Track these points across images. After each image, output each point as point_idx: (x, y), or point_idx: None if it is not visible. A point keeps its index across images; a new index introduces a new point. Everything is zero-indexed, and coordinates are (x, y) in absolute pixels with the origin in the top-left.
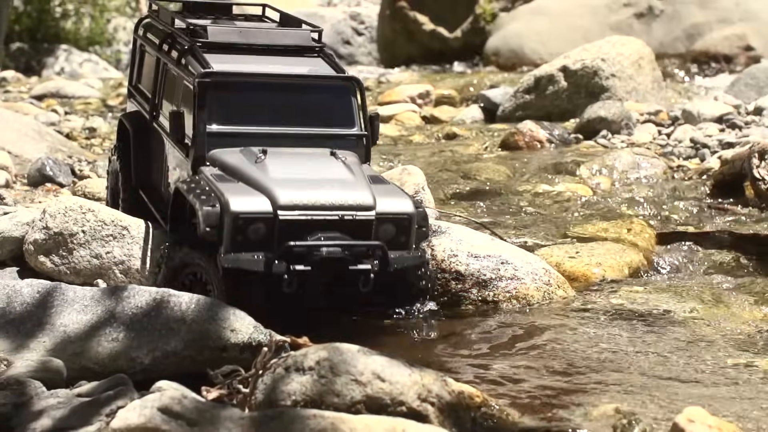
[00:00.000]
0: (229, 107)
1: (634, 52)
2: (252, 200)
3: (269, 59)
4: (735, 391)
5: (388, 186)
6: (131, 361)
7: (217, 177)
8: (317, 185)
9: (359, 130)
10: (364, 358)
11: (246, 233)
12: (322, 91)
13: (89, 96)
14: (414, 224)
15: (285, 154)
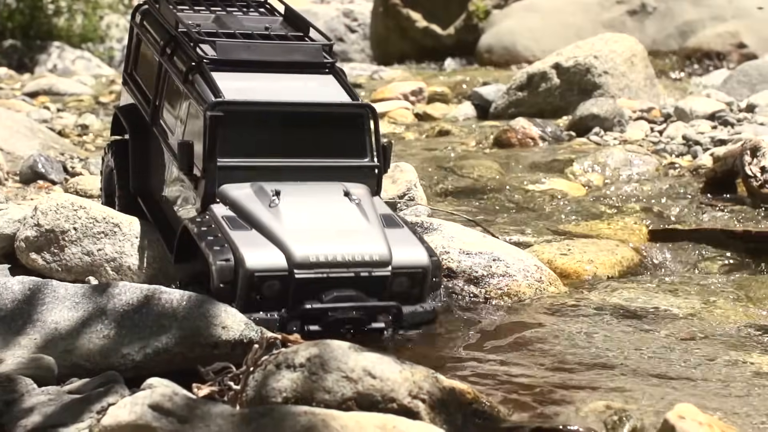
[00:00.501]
0: (241, 139)
1: (627, 50)
2: (268, 256)
3: (279, 77)
4: (726, 388)
5: (402, 231)
6: (122, 358)
7: (229, 221)
8: (333, 239)
9: (371, 161)
10: (355, 355)
11: (260, 290)
12: (335, 119)
13: (82, 93)
14: (429, 277)
15: (298, 195)
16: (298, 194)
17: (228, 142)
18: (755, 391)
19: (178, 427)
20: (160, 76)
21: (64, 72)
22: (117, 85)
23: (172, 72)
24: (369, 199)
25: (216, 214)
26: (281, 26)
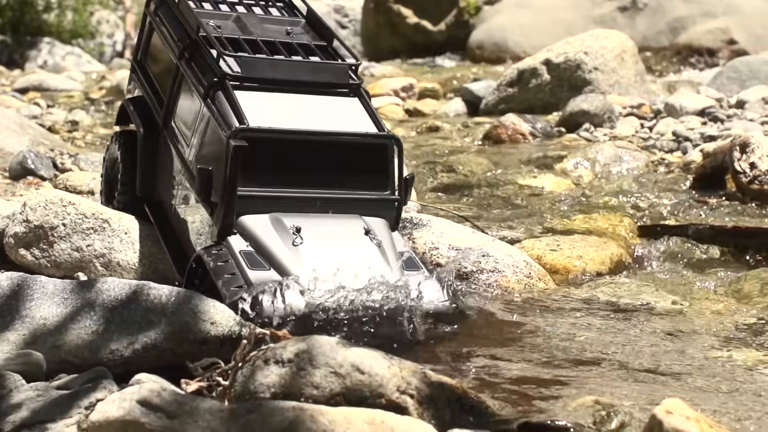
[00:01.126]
0: (262, 168)
1: (617, 46)
2: (286, 299)
3: (303, 99)
4: (714, 383)
5: (423, 273)
6: (111, 354)
7: (247, 258)
8: (353, 283)
9: (392, 194)
10: (343, 350)
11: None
12: (359, 150)
13: (72, 89)
14: (451, 311)
15: (319, 234)
16: (319, 233)
17: (249, 170)
18: (742, 386)
19: (167, 423)
20: (176, 78)
21: (54, 68)
22: (107, 81)
23: (191, 81)
24: (389, 238)
25: (234, 248)
26: (303, 31)
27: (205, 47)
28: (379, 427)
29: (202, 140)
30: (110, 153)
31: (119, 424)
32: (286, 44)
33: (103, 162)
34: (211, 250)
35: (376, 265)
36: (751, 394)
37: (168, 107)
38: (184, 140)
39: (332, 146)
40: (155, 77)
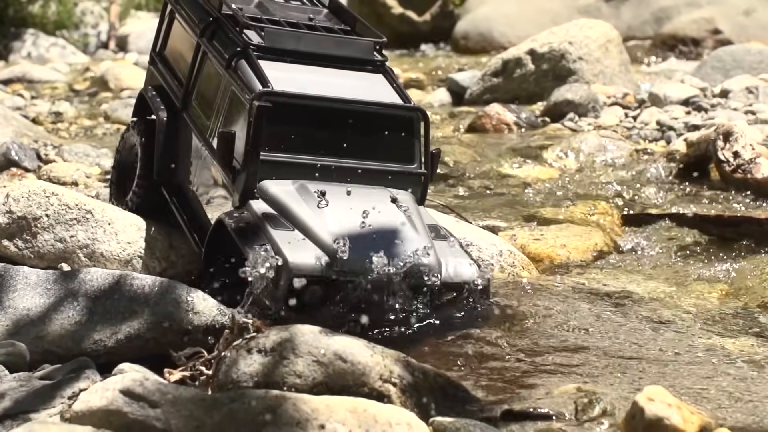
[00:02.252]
0: (286, 133)
1: (602, 35)
2: (312, 259)
3: (327, 72)
4: (696, 370)
5: (451, 243)
6: (94, 344)
7: (270, 220)
8: (380, 247)
9: (419, 168)
10: (326, 339)
11: (301, 295)
12: (385, 121)
13: (56, 80)
14: (476, 293)
15: (344, 198)
16: (344, 197)
17: (273, 135)
18: (724, 374)
19: (150, 412)
20: (196, 58)
21: (38, 59)
22: (91, 72)
23: (212, 56)
24: (416, 208)
25: (256, 210)
26: (326, 18)
27: (227, 24)
28: (362, 416)
29: (226, 111)
30: (126, 141)
31: (102, 414)
32: (309, 26)
33: (116, 153)
34: (232, 213)
35: (404, 232)
36: (733, 380)
37: (188, 87)
38: (206, 116)
39: (357, 116)
40: (175, 65)
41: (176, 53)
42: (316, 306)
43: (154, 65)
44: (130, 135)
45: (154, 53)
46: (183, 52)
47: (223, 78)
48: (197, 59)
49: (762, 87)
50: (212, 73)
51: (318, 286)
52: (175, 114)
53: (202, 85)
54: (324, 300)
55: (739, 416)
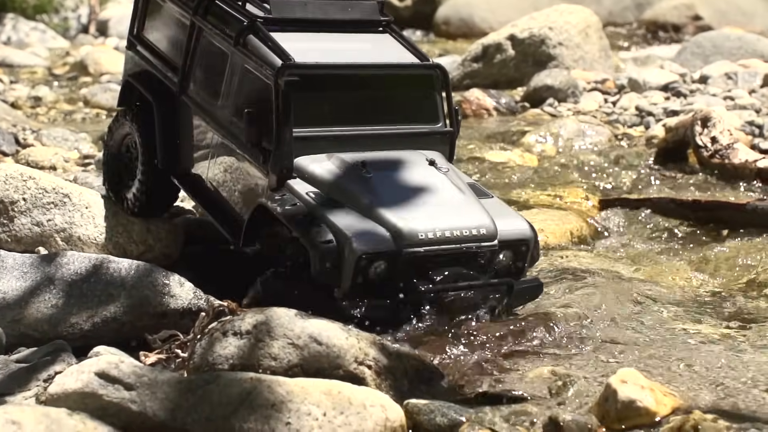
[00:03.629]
0: (314, 106)
1: (582, 21)
2: (374, 235)
3: (337, 38)
4: (669, 353)
5: (495, 202)
6: (70, 327)
7: (318, 199)
8: (436, 213)
9: (444, 126)
10: (301, 322)
11: (367, 273)
12: (406, 81)
13: (35, 65)
14: (531, 250)
15: (385, 167)
16: (383, 166)
17: (301, 109)
18: (698, 357)
19: (125, 395)
20: (192, 37)
21: (18, 44)
22: (71, 57)
23: (212, 33)
24: (453, 168)
25: (299, 191)
26: None
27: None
28: (336, 398)
29: (239, 90)
30: (115, 132)
31: (77, 396)
32: None
33: (104, 148)
34: (273, 197)
35: (449, 193)
36: (706, 363)
37: (186, 69)
38: (213, 98)
39: (380, 79)
40: (162, 47)
41: (161, 34)
42: (382, 282)
43: (134, 49)
44: (121, 125)
45: (133, 37)
46: (171, 33)
47: (231, 56)
48: (193, 38)
49: (741, 73)
50: (214, 52)
51: (382, 262)
52: (171, 98)
53: (202, 65)
54: (389, 275)
55: (713, 398)
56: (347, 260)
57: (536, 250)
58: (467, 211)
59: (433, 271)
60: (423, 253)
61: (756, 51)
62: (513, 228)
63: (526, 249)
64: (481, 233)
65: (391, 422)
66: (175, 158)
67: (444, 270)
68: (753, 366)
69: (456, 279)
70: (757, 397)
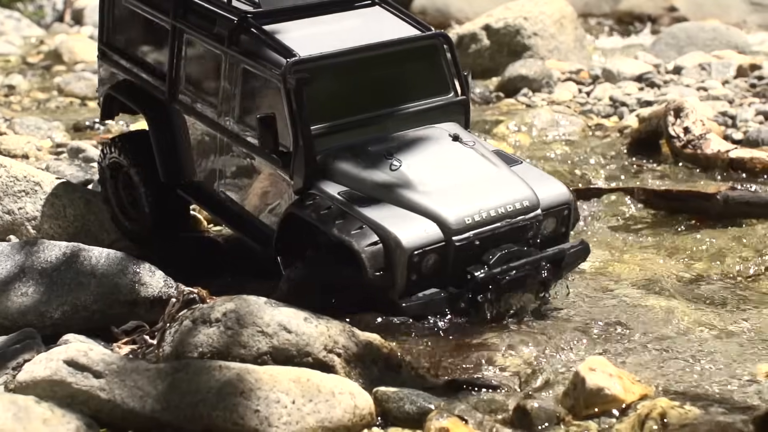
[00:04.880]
0: (326, 98)
1: (557, 11)
2: (420, 229)
3: (330, 20)
4: (638, 339)
5: (527, 167)
6: (40, 316)
7: (351, 198)
8: (476, 193)
9: (456, 95)
10: (270, 310)
11: (420, 269)
12: (411, 56)
13: (9, 53)
14: (572, 212)
15: (410, 151)
16: (410, 152)
17: (315, 105)
18: (668, 343)
19: (94, 382)
20: (175, 42)
21: None
22: (45, 46)
23: (198, 35)
24: (476, 140)
25: (329, 192)
26: None
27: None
28: (305, 385)
29: (243, 93)
30: (107, 163)
31: (46, 384)
32: None
33: (102, 189)
34: (303, 203)
35: (481, 167)
36: (676, 350)
37: (173, 76)
38: (210, 103)
39: (384, 59)
40: (139, 54)
41: (137, 40)
42: (436, 273)
43: (108, 59)
44: (110, 156)
45: (103, 45)
46: (148, 38)
47: (226, 57)
48: (176, 42)
49: (714, 64)
50: (204, 54)
51: (434, 254)
52: (160, 107)
53: (191, 69)
54: (441, 266)
55: (683, 385)
56: (398, 260)
57: (576, 212)
58: (506, 185)
59: (485, 253)
60: (472, 237)
61: (730, 42)
62: (552, 193)
63: (568, 212)
64: (525, 205)
65: (359, 410)
66: (177, 169)
67: (495, 251)
68: (723, 352)
69: (509, 258)
70: (727, 383)
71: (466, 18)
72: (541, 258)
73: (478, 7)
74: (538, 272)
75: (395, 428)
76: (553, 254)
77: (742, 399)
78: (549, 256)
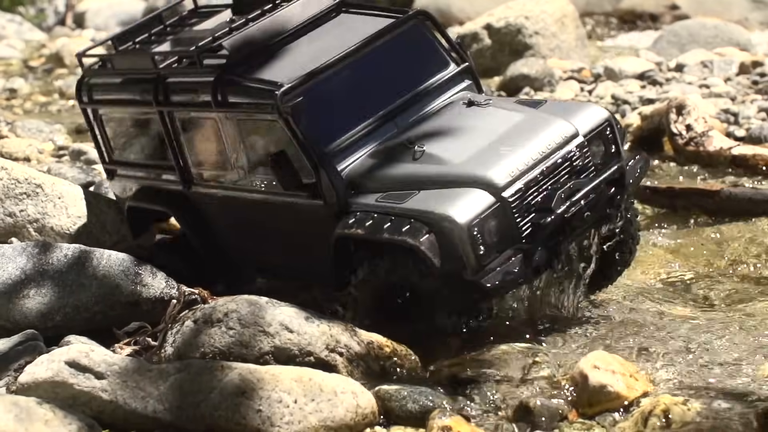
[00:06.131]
0: (331, 115)
1: (558, 10)
2: (467, 200)
3: (302, 42)
4: (643, 336)
5: (553, 103)
6: (42, 318)
7: (390, 199)
8: (509, 145)
9: (457, 65)
10: (272, 310)
11: (484, 239)
12: (397, 44)
13: (11, 57)
14: (615, 128)
15: (429, 132)
16: (429, 132)
17: (320, 124)
18: (672, 339)
19: (96, 383)
20: (167, 127)
21: None
22: (47, 49)
23: (185, 111)
24: (492, 97)
25: (366, 202)
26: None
27: (174, 73)
28: (307, 385)
29: (247, 144)
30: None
31: (48, 385)
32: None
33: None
34: (347, 223)
35: (507, 121)
36: (680, 346)
37: (180, 162)
38: (223, 169)
39: (372, 56)
40: (141, 157)
41: (134, 145)
42: (502, 238)
43: (116, 177)
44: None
45: (108, 164)
46: (143, 137)
47: (219, 118)
48: (168, 127)
49: (716, 61)
50: (199, 126)
51: (491, 219)
52: (183, 198)
53: (193, 147)
54: (503, 228)
55: (687, 381)
56: (459, 237)
57: (619, 126)
58: (537, 126)
59: (543, 199)
60: (523, 187)
61: (732, 39)
62: (587, 116)
63: (610, 129)
64: (564, 138)
65: (362, 409)
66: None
67: (553, 192)
68: (727, 348)
69: (569, 195)
70: (730, 379)
71: (468, 18)
72: (599, 181)
73: (480, 6)
74: (603, 197)
75: (398, 427)
76: (611, 173)
77: (745, 395)
78: (607, 177)
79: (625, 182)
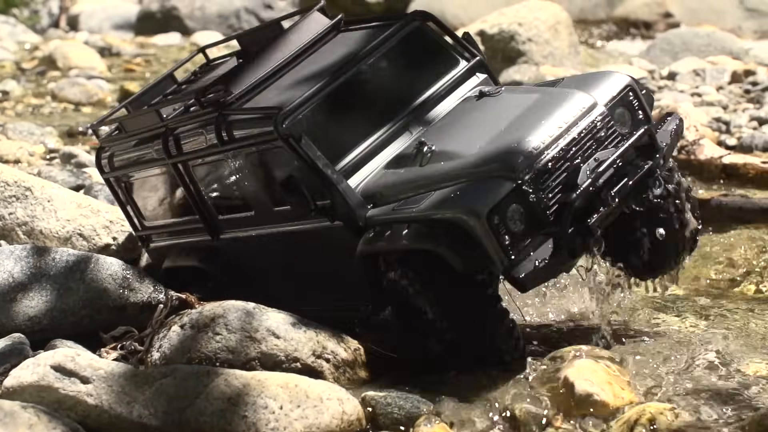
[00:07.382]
0: (339, 132)
1: (551, 17)
2: (482, 189)
3: (302, 67)
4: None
5: (571, 78)
6: (29, 321)
7: (408, 205)
8: (525, 126)
9: (467, 60)
10: (259, 316)
11: (507, 226)
12: (400, 49)
13: (3, 59)
14: (638, 92)
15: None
16: (440, 130)
17: (327, 142)
18: (661, 348)
19: (81, 388)
20: (184, 179)
21: None
22: (40, 52)
23: (197, 157)
24: (504, 85)
25: (384, 215)
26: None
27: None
28: (293, 391)
29: (259, 178)
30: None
31: (33, 390)
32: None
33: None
34: (371, 238)
35: (520, 104)
36: (669, 356)
37: (204, 214)
38: (246, 209)
39: (375, 66)
40: (169, 217)
41: (160, 207)
42: (529, 223)
43: (149, 246)
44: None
45: (140, 234)
46: (166, 196)
47: (229, 157)
48: (186, 178)
49: (709, 70)
50: (212, 171)
51: (513, 204)
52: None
53: (212, 193)
54: (529, 211)
55: (674, 390)
56: (478, 229)
57: (645, 90)
58: (553, 102)
59: (570, 176)
60: (542, 166)
61: (725, 48)
62: (606, 84)
63: (633, 94)
64: (583, 109)
65: (347, 415)
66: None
67: (579, 167)
68: (715, 356)
69: (596, 167)
70: (718, 387)
71: (461, 24)
72: (625, 148)
73: (474, 12)
74: (633, 164)
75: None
76: (639, 137)
77: (733, 404)
78: (634, 143)
79: (656, 146)
